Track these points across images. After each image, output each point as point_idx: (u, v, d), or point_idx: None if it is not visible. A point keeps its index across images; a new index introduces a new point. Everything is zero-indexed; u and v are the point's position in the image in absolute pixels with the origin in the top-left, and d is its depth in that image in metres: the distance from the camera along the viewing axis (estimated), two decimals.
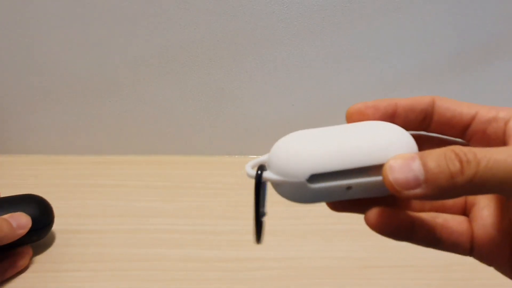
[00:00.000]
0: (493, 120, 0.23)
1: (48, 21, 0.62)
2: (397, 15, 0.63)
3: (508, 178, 0.18)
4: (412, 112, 0.25)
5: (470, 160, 0.19)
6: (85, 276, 0.46)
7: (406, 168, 0.20)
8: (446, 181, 0.19)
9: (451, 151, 0.19)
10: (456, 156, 0.19)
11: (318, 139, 0.23)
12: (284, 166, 0.22)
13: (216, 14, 0.62)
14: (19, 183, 0.63)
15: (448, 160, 0.19)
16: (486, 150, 0.19)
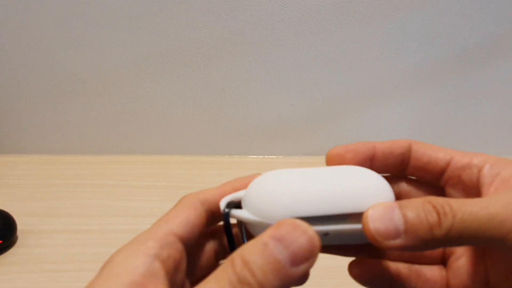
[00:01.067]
0: (467, 167, 0.23)
1: (48, 21, 0.62)
2: (397, 15, 0.64)
3: (481, 230, 0.19)
4: (390, 156, 0.25)
5: (446, 213, 0.19)
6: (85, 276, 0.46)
7: (387, 218, 0.20)
8: (425, 233, 0.19)
9: (428, 203, 0.20)
10: (434, 208, 0.19)
11: (297, 181, 0.22)
12: (260, 206, 0.21)
13: (216, 14, 0.62)
14: (19, 183, 0.63)
15: (427, 211, 0.19)
16: (461, 202, 0.20)
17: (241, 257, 0.17)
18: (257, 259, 0.17)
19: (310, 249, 0.17)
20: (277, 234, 0.17)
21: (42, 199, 0.59)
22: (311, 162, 0.71)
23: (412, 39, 0.65)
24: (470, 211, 0.19)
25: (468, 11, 0.64)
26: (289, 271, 0.17)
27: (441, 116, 0.73)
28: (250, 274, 0.16)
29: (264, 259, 0.17)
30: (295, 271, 0.17)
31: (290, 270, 0.17)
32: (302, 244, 0.17)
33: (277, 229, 0.18)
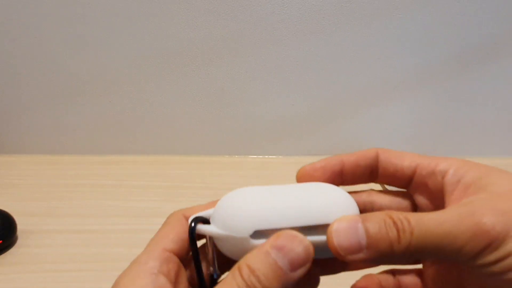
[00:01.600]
0: (432, 174, 0.24)
1: (48, 21, 0.62)
2: (397, 15, 0.63)
3: (437, 247, 0.20)
4: (358, 168, 0.26)
5: (405, 229, 0.20)
6: (85, 276, 0.46)
7: (350, 232, 0.20)
8: (386, 248, 0.20)
9: (389, 218, 0.20)
10: (394, 223, 0.20)
11: (264, 195, 0.23)
12: (228, 220, 0.22)
13: (216, 14, 0.62)
14: (19, 183, 0.63)
15: (387, 226, 0.20)
16: (419, 217, 0.20)
17: (247, 265, 0.19)
18: (261, 267, 0.19)
19: (306, 255, 0.20)
20: (277, 243, 0.20)
21: (42, 199, 0.59)
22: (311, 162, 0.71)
23: (412, 39, 0.65)
24: (427, 228, 0.20)
25: (468, 12, 0.64)
26: (288, 275, 0.19)
27: (441, 116, 0.73)
28: (257, 280, 0.19)
29: (267, 266, 0.19)
30: (293, 275, 0.19)
31: (289, 274, 0.19)
32: (300, 252, 0.20)
33: (277, 239, 0.20)
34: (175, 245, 0.23)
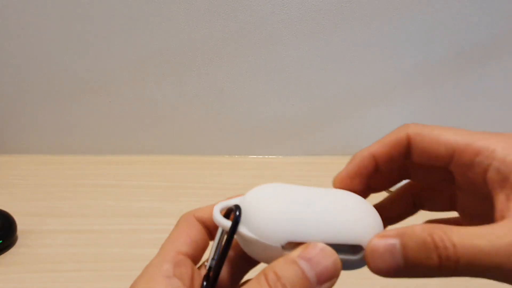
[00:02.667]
0: (471, 166, 0.21)
1: (48, 21, 0.62)
2: (397, 15, 0.63)
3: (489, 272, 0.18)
4: (392, 163, 0.25)
5: (449, 256, 0.18)
6: (85, 276, 0.46)
7: (388, 257, 0.20)
8: (426, 271, 0.19)
9: (431, 238, 0.19)
10: (435, 249, 0.18)
11: (299, 202, 0.22)
12: (261, 226, 0.21)
13: (216, 14, 0.62)
14: (19, 183, 0.63)
15: (428, 249, 0.19)
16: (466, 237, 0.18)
17: (274, 272, 0.19)
18: (288, 275, 0.19)
19: (334, 270, 0.20)
20: (306, 254, 0.19)
21: (42, 199, 0.59)
22: (311, 162, 0.71)
23: (412, 39, 0.65)
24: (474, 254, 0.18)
25: (468, 12, 0.64)
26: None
27: (441, 116, 0.73)
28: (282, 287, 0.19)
29: (294, 275, 0.19)
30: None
31: (315, 287, 0.19)
32: (328, 266, 0.19)
33: (306, 250, 0.20)
34: (189, 248, 0.23)
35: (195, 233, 0.24)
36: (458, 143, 0.22)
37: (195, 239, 0.24)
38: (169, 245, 0.23)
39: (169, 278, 0.21)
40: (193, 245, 0.23)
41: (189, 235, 0.23)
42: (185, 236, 0.23)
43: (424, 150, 0.23)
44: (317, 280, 0.19)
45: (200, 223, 0.24)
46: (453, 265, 0.18)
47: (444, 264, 0.18)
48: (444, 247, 0.18)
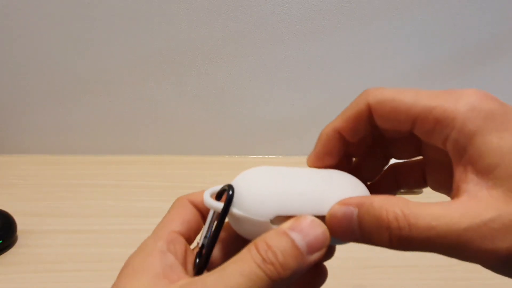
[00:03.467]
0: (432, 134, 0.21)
1: (48, 21, 0.62)
2: (397, 15, 0.64)
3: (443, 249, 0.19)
4: (357, 133, 0.24)
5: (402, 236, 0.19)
6: (85, 276, 0.46)
7: (345, 224, 0.21)
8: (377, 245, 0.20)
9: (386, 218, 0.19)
10: (387, 228, 0.19)
11: (285, 179, 0.23)
12: (249, 203, 0.22)
13: (216, 14, 0.62)
14: (19, 183, 0.63)
15: (380, 228, 0.20)
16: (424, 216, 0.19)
17: (265, 242, 0.19)
18: (279, 244, 0.19)
19: (324, 240, 0.20)
20: (297, 226, 0.20)
21: (42, 199, 0.59)
22: None
23: (412, 39, 0.65)
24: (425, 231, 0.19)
25: (468, 12, 0.64)
26: (305, 258, 0.19)
27: None
28: (274, 256, 0.19)
29: (286, 245, 0.19)
30: (309, 258, 0.19)
31: (306, 257, 0.19)
32: (318, 236, 0.20)
33: (296, 222, 0.20)
34: (182, 227, 0.23)
35: (188, 214, 0.24)
36: (418, 111, 0.21)
37: (188, 219, 0.24)
38: (163, 225, 0.24)
39: (163, 253, 0.21)
40: (186, 224, 0.24)
41: (182, 216, 0.24)
42: (178, 217, 0.24)
43: (387, 119, 0.23)
44: (307, 250, 0.19)
45: (193, 206, 0.25)
46: (404, 244, 0.19)
47: (395, 243, 0.19)
48: (398, 227, 0.19)
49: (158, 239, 0.22)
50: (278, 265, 0.19)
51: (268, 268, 0.18)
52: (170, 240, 0.22)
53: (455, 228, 0.18)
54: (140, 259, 0.22)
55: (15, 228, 0.51)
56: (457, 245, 0.18)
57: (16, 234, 0.51)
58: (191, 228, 0.24)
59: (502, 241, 0.18)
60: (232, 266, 0.19)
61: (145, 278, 0.20)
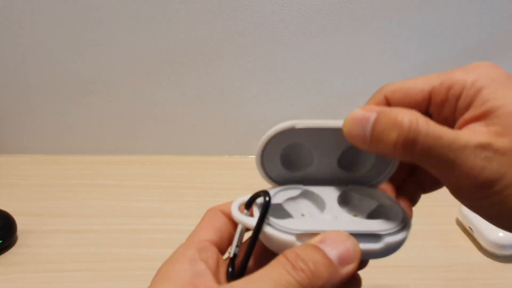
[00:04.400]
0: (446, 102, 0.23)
1: (48, 21, 0.62)
2: (397, 16, 0.64)
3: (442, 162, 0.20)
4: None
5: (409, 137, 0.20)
6: (85, 276, 0.46)
7: (360, 125, 0.22)
8: (382, 149, 0.21)
9: (400, 120, 0.20)
10: (399, 128, 0.20)
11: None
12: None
13: (216, 14, 0.62)
14: (19, 183, 0.63)
15: (392, 127, 0.20)
16: (437, 127, 0.20)
17: (295, 252, 0.19)
18: (310, 255, 0.19)
19: (355, 252, 0.20)
20: (325, 239, 0.20)
21: (42, 199, 0.59)
22: None
23: (412, 39, 0.65)
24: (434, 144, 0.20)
25: (468, 12, 0.64)
26: (337, 269, 0.19)
27: None
28: (304, 264, 0.18)
29: (316, 255, 0.19)
30: (341, 271, 0.19)
31: (338, 268, 0.19)
32: (349, 247, 0.20)
33: (324, 236, 0.20)
34: (214, 236, 0.23)
35: (219, 223, 0.24)
36: (432, 84, 0.23)
37: (219, 228, 0.24)
38: (194, 234, 0.24)
39: (194, 261, 0.21)
40: (218, 233, 0.24)
41: (213, 225, 0.24)
42: (209, 226, 0.24)
43: (403, 102, 0.24)
44: (339, 262, 0.19)
45: (224, 216, 0.25)
46: (407, 148, 0.20)
47: (399, 144, 0.20)
48: (408, 129, 0.20)
49: (189, 247, 0.22)
50: (309, 272, 0.18)
51: (298, 275, 0.18)
52: (201, 248, 0.22)
53: (457, 143, 0.19)
54: (169, 266, 0.21)
55: (15, 228, 0.51)
56: (453, 159, 0.19)
57: (16, 234, 0.51)
58: (223, 238, 0.24)
59: (487, 166, 0.19)
60: (261, 272, 0.19)
61: (171, 285, 0.20)
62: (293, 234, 0.21)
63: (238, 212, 0.23)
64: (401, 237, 0.23)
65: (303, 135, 0.26)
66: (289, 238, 0.21)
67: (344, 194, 0.27)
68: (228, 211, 0.25)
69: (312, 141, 0.26)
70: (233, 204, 0.24)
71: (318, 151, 0.26)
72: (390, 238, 0.22)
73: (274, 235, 0.22)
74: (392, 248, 0.23)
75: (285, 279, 0.18)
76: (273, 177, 0.27)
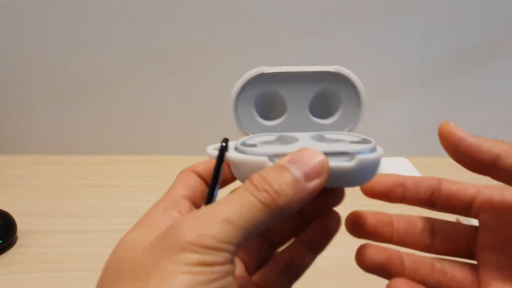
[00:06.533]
0: (498, 190, 0.23)
1: (48, 21, 0.62)
2: (397, 16, 0.64)
3: None
4: (420, 186, 0.26)
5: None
6: (85, 276, 0.46)
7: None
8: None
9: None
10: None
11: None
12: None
13: (216, 14, 0.62)
14: (19, 183, 0.63)
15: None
16: None
17: (260, 174, 0.19)
18: (274, 175, 0.19)
19: (322, 165, 0.20)
20: (293, 157, 0.20)
21: (42, 199, 0.59)
22: None
23: (412, 40, 0.65)
24: None
25: (468, 12, 0.64)
26: (302, 185, 0.19)
27: (441, 116, 0.73)
28: (268, 184, 0.19)
29: (281, 175, 0.19)
30: (307, 185, 0.19)
31: (303, 184, 0.19)
32: (316, 161, 0.20)
33: (293, 155, 0.20)
34: (186, 192, 0.24)
35: (192, 181, 0.25)
36: (499, 149, 0.22)
37: (192, 185, 0.25)
38: (167, 193, 0.24)
39: (166, 210, 0.22)
40: (190, 189, 0.24)
41: (186, 183, 0.25)
42: (182, 183, 0.25)
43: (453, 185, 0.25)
44: (304, 177, 0.19)
45: (196, 175, 0.26)
46: None
47: None
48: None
49: (161, 201, 0.23)
50: (273, 192, 0.18)
51: (262, 195, 0.18)
52: (173, 202, 0.23)
53: None
54: (143, 219, 0.22)
55: (15, 228, 0.51)
56: None
57: (16, 234, 0.51)
58: (196, 193, 0.24)
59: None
60: (227, 197, 0.19)
61: (147, 228, 0.20)
62: (265, 155, 0.22)
63: (211, 149, 0.24)
64: (374, 156, 0.22)
65: (273, 82, 0.27)
66: (262, 159, 0.22)
67: (318, 136, 0.27)
68: (200, 170, 0.26)
69: (282, 88, 0.27)
70: (208, 147, 0.25)
71: (289, 99, 0.27)
72: (362, 157, 0.22)
73: (247, 160, 0.22)
74: (367, 168, 0.22)
75: (247, 200, 0.18)
76: (248, 128, 0.29)
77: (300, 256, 0.26)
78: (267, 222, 0.18)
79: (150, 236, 0.19)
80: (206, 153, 0.24)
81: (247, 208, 0.18)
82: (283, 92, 0.27)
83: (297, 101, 0.27)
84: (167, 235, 0.18)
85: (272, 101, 0.28)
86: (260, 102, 0.28)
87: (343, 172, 0.21)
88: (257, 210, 0.18)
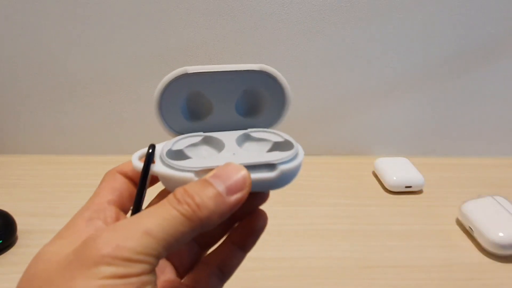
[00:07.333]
0: None
1: (48, 21, 0.62)
2: (397, 16, 0.64)
3: None
4: None
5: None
6: None
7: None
8: None
9: None
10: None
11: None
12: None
13: (216, 14, 0.62)
14: (19, 183, 0.63)
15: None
16: None
17: (183, 188, 0.20)
18: (197, 189, 0.20)
19: (244, 179, 0.21)
20: (217, 172, 0.21)
21: (42, 199, 0.59)
22: (311, 162, 0.71)
23: (412, 39, 0.65)
24: None
25: (468, 12, 0.64)
26: (225, 198, 0.20)
27: (441, 116, 0.73)
28: (190, 198, 0.19)
29: (203, 189, 0.20)
30: (229, 199, 0.20)
31: (225, 197, 0.20)
32: (238, 176, 0.20)
33: (217, 170, 0.21)
34: (112, 196, 0.23)
35: (118, 184, 0.24)
36: None
37: (118, 188, 0.24)
38: (91, 199, 0.24)
39: (90, 220, 0.22)
40: (117, 193, 0.24)
41: (111, 186, 0.24)
42: (107, 187, 0.24)
43: None
44: (226, 191, 0.20)
45: (123, 176, 0.25)
46: None
47: None
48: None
49: (85, 210, 0.22)
50: (194, 205, 0.19)
51: (183, 208, 0.19)
52: (98, 210, 0.22)
53: None
54: (65, 230, 0.22)
55: (15, 228, 0.51)
56: None
57: (16, 234, 0.51)
58: (123, 197, 0.24)
59: None
60: (149, 209, 0.19)
61: (66, 241, 0.20)
62: (191, 171, 0.22)
63: (137, 160, 0.24)
64: (294, 164, 0.24)
65: (199, 82, 0.27)
66: (188, 175, 0.22)
67: (243, 136, 0.28)
68: (126, 170, 0.25)
69: (208, 88, 0.27)
70: (133, 155, 0.24)
71: (215, 98, 0.28)
72: (284, 166, 0.23)
73: (173, 175, 0.23)
74: (288, 175, 0.24)
75: (169, 213, 0.19)
76: (175, 128, 0.29)
77: (230, 256, 0.27)
78: (189, 234, 0.19)
79: (69, 250, 0.19)
80: (132, 163, 0.24)
81: (168, 220, 0.18)
82: (208, 92, 0.27)
83: (223, 100, 0.28)
84: (83, 249, 0.18)
85: (200, 100, 0.28)
86: (189, 101, 0.28)
87: (265, 182, 0.23)
88: (178, 223, 0.18)
